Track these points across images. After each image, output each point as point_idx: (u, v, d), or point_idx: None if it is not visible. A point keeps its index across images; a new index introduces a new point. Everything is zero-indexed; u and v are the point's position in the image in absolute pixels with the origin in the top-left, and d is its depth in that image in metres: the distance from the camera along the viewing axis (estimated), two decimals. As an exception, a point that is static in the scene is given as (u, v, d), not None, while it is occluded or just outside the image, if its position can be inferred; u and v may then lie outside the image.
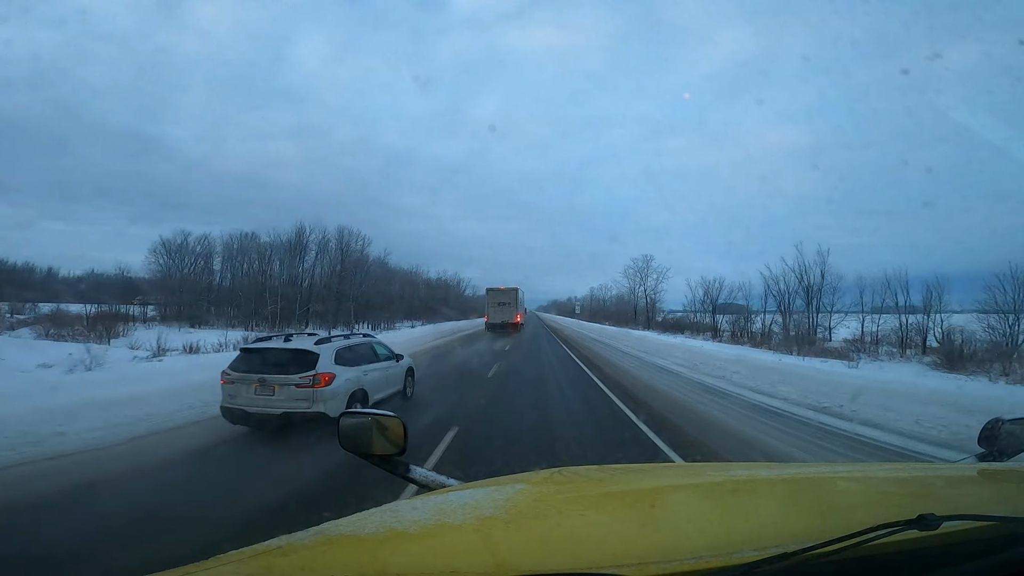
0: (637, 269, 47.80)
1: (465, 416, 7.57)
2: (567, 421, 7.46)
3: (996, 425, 1.58)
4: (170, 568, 0.82)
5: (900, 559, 0.82)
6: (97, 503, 4.18)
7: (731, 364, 13.70)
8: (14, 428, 5.54)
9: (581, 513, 1.10)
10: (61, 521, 3.80)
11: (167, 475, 5.00)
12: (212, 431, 6.49)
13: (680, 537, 0.94)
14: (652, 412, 8.15)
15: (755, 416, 8.29)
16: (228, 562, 0.83)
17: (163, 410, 7.10)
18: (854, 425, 7.41)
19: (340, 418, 1.54)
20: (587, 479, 1.42)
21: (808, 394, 9.53)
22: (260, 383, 6.23)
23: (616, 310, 53.60)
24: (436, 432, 6.46)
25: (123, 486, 4.63)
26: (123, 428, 6.28)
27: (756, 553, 0.74)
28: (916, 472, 1.70)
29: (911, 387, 9.25)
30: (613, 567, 0.73)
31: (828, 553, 0.73)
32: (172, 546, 3.19)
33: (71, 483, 4.54)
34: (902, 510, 0.79)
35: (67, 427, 5.87)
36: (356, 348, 7.40)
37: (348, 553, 0.88)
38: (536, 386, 10.98)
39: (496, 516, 1.01)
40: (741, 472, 1.56)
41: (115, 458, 5.33)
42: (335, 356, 6.72)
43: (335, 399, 6.29)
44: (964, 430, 6.22)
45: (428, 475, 1.48)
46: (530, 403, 8.94)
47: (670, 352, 18.56)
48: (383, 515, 1.02)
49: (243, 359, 6.61)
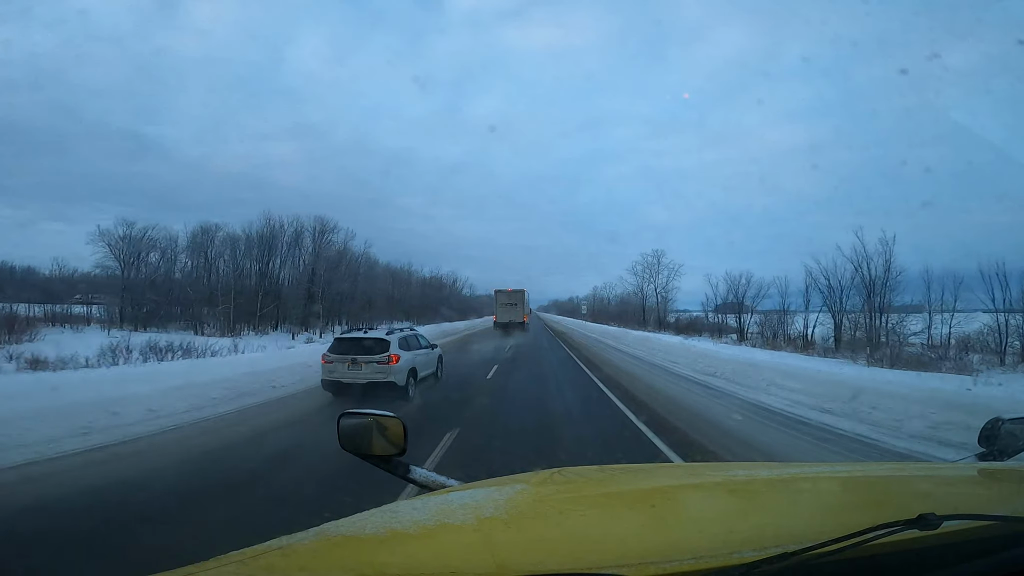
0: (646, 265, 43.52)
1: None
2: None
3: (996, 425, 1.57)
4: (170, 568, 0.82)
5: (900, 559, 0.82)
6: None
7: (824, 385, 9.23)
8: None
9: (581, 513, 1.11)
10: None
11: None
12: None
13: (680, 537, 0.95)
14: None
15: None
16: (228, 562, 0.83)
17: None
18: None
19: (340, 418, 1.53)
20: (587, 479, 1.42)
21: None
22: (352, 361, 8.99)
23: (620, 310, 49.70)
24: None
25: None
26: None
27: (756, 553, 0.74)
28: (916, 472, 1.70)
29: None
30: (613, 567, 0.73)
31: (828, 553, 0.73)
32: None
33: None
34: (902, 510, 0.79)
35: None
36: (409, 338, 10.02)
37: (348, 553, 0.88)
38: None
39: (496, 516, 1.01)
40: (741, 472, 1.56)
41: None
42: (399, 343, 9.36)
43: (400, 372, 9.08)
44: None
45: (428, 475, 1.48)
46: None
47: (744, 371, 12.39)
48: (383, 515, 1.02)
49: (337, 345, 9.38)
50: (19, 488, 4.60)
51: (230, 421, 7.56)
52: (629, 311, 46.49)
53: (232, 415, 7.92)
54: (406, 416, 1.31)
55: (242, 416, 7.88)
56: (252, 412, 8.20)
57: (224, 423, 7.42)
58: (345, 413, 1.54)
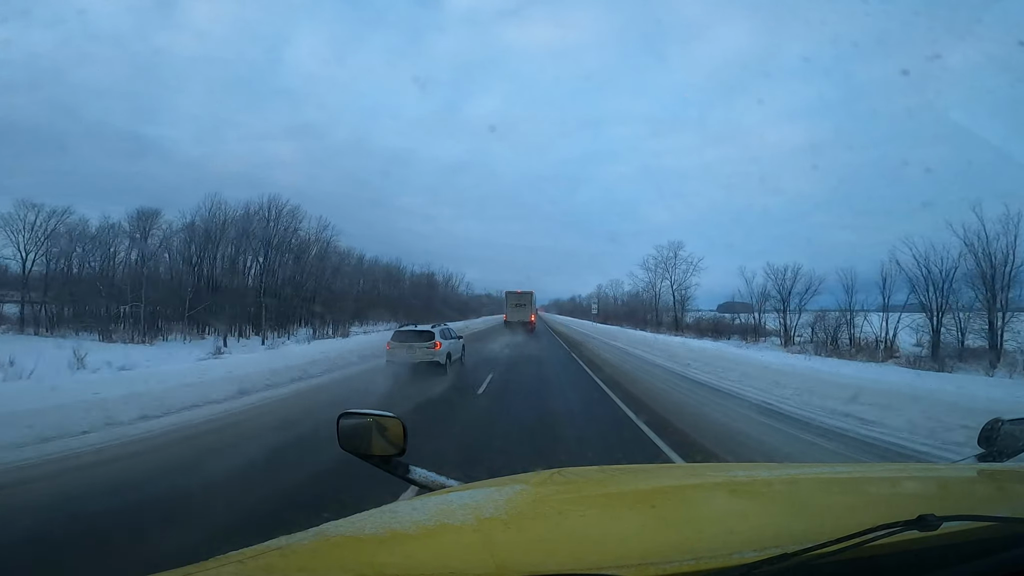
0: (661, 259, 38.27)
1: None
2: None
3: (996, 425, 1.57)
4: (171, 568, 0.82)
5: (900, 559, 0.82)
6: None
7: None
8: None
9: (581, 514, 1.11)
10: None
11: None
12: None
13: (680, 538, 0.95)
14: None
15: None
16: (228, 562, 0.83)
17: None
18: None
19: (340, 419, 1.52)
20: (587, 480, 1.42)
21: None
22: (409, 347, 12.39)
23: (629, 310, 45.72)
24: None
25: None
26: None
27: (756, 553, 0.74)
28: (916, 472, 1.70)
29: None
30: (613, 567, 0.73)
31: (828, 553, 0.73)
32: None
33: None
34: (902, 510, 0.79)
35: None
36: (444, 331, 13.39)
37: (348, 554, 0.88)
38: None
39: (496, 517, 1.01)
40: (741, 473, 1.56)
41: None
42: (440, 333, 12.79)
43: (442, 355, 12.49)
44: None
45: (428, 475, 1.47)
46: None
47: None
48: (383, 516, 1.02)
49: (398, 335, 12.89)
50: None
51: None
52: (639, 311, 42.46)
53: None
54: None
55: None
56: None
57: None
58: (345, 413, 1.52)
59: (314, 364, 12.33)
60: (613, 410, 8.65)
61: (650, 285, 40.18)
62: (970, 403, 7.25)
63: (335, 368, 12.86)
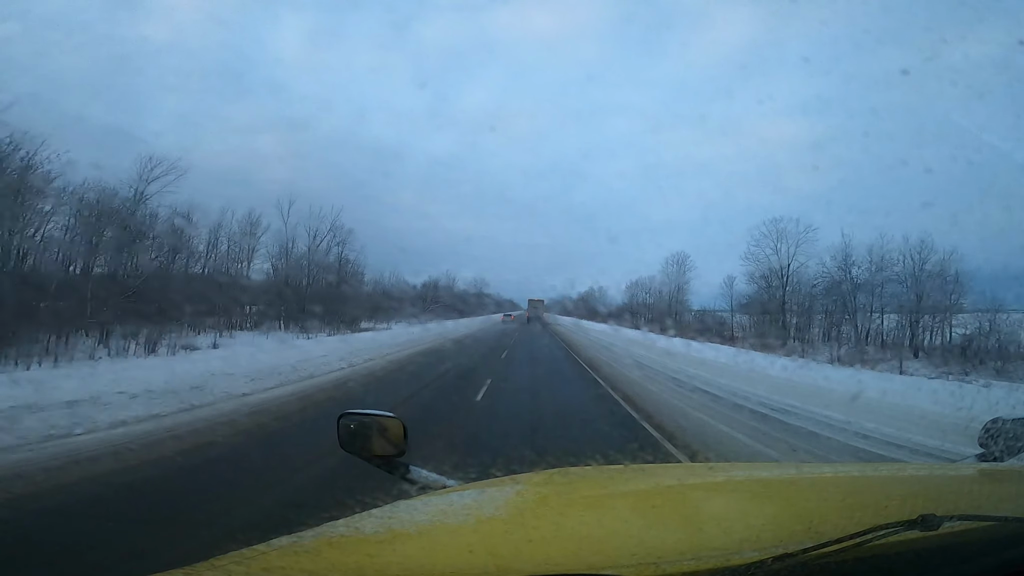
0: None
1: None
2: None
3: (996, 425, 1.57)
4: (171, 568, 0.82)
5: (900, 559, 0.82)
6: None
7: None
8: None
9: (581, 513, 1.10)
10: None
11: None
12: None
13: (680, 537, 0.94)
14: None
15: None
16: (228, 562, 0.83)
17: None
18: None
19: (340, 419, 1.51)
20: (587, 479, 1.42)
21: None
22: (505, 316, 47.96)
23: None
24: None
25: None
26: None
27: (756, 553, 0.74)
28: (916, 472, 1.70)
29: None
30: (613, 567, 0.72)
31: (828, 553, 0.73)
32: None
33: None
34: (902, 510, 0.79)
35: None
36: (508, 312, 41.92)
37: (348, 554, 0.88)
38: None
39: (496, 517, 1.01)
40: (741, 472, 1.56)
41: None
42: (506, 316, 44.00)
43: (518, 322, 39.70)
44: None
45: (428, 476, 1.47)
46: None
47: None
48: (383, 516, 1.02)
49: (504, 316, 45.26)
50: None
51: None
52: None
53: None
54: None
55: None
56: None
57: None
58: (345, 414, 1.51)
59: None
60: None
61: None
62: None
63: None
